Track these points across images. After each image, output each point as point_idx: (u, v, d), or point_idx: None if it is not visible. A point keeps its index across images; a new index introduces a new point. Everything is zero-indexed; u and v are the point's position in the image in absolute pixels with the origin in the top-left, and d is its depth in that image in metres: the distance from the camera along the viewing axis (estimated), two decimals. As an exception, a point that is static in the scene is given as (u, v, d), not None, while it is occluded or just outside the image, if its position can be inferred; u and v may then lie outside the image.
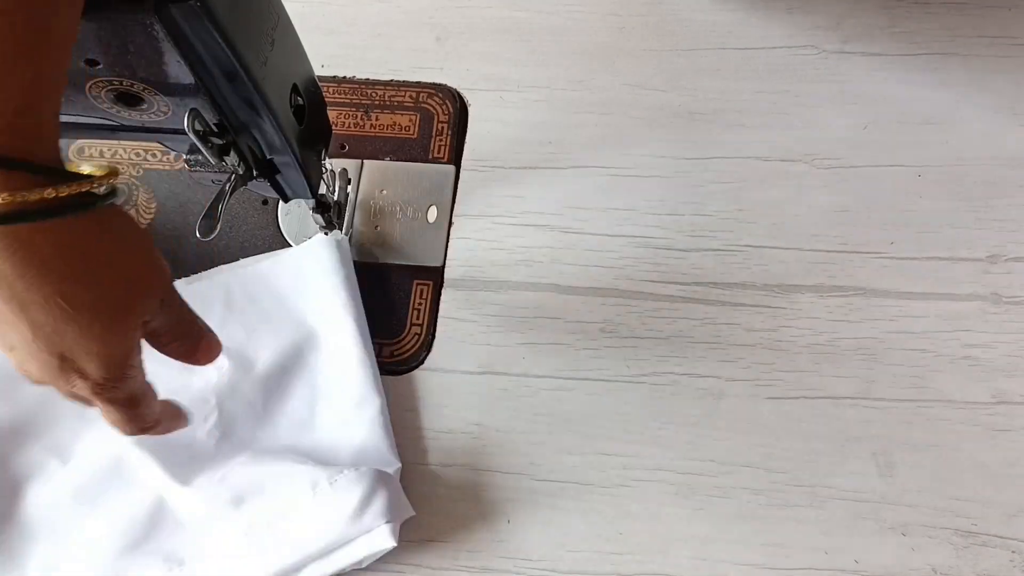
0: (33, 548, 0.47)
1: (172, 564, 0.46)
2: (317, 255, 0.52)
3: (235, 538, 0.46)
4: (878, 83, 0.58)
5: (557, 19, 0.62)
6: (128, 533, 0.47)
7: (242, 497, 0.46)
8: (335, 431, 0.50)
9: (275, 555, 0.45)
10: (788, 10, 0.60)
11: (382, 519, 0.45)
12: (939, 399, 0.51)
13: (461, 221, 0.56)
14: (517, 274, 0.54)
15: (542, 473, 0.50)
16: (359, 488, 0.45)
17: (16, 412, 0.49)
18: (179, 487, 0.47)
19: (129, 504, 0.48)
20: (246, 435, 0.50)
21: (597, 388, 0.51)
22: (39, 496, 0.48)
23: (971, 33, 0.59)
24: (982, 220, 0.55)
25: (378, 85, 0.59)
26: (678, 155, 0.57)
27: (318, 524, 0.45)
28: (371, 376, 0.50)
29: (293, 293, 0.52)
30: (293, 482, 0.46)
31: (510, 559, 0.48)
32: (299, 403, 0.51)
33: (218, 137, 0.42)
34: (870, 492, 0.49)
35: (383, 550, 0.45)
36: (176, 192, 0.57)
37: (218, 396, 0.50)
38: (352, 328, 0.50)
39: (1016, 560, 0.47)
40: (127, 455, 0.48)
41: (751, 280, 0.54)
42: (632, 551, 0.48)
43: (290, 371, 0.51)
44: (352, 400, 0.50)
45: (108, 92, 0.39)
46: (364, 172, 0.57)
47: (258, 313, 0.52)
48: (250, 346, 0.51)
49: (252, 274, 0.53)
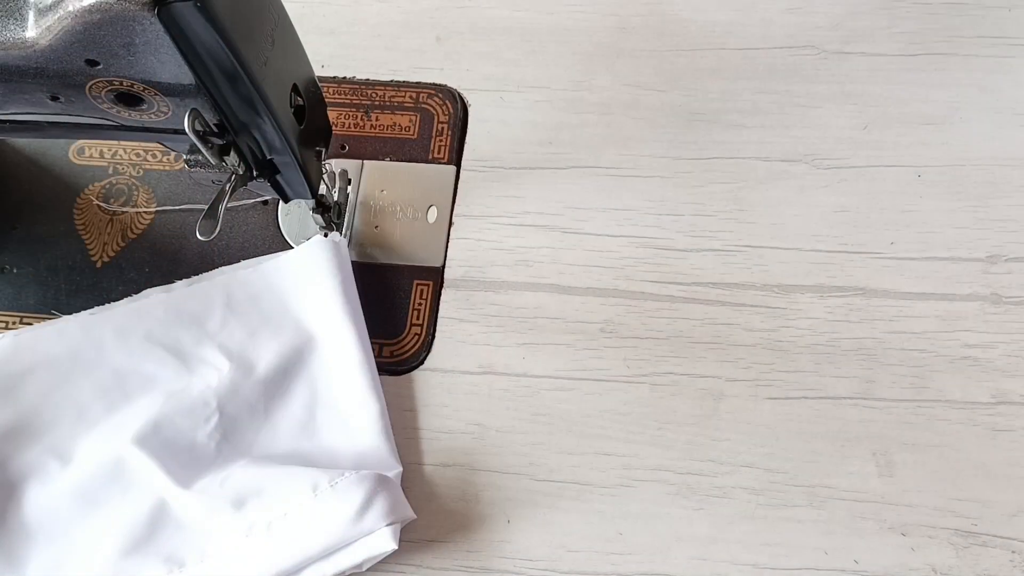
0: (33, 550, 0.47)
1: (173, 566, 0.46)
2: (316, 257, 0.52)
3: (235, 540, 0.46)
4: (878, 83, 0.58)
5: (557, 19, 0.61)
6: (129, 535, 0.47)
7: (243, 499, 0.46)
8: (336, 434, 0.50)
9: (276, 557, 0.45)
10: (788, 10, 0.60)
11: (383, 522, 0.45)
12: (939, 399, 0.51)
13: (461, 221, 0.56)
14: (517, 274, 0.54)
15: (542, 473, 0.50)
16: (360, 490, 0.45)
17: (16, 413, 0.49)
18: (180, 489, 0.47)
19: (130, 506, 0.47)
20: (247, 437, 0.50)
21: (597, 388, 0.51)
22: (39, 498, 0.48)
23: (971, 33, 0.59)
24: (982, 220, 0.55)
25: (378, 85, 0.59)
26: (678, 155, 0.57)
27: (319, 526, 0.45)
28: (370, 380, 0.50)
29: (293, 295, 0.52)
30: (294, 484, 0.46)
31: (510, 559, 0.48)
32: (299, 406, 0.51)
33: (218, 137, 0.42)
34: (870, 492, 0.49)
35: (384, 553, 0.45)
36: (176, 192, 0.57)
37: (219, 399, 0.50)
38: (351, 331, 0.50)
39: (1016, 560, 0.47)
40: (128, 457, 0.48)
41: (751, 280, 0.54)
42: (632, 551, 0.48)
43: (290, 374, 0.51)
44: (352, 403, 0.50)
45: (108, 92, 0.39)
46: (364, 172, 0.57)
47: (259, 315, 0.52)
48: (251, 348, 0.51)
49: (253, 276, 0.53)
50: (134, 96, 0.40)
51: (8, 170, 0.58)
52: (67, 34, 0.35)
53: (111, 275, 0.55)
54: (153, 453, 0.47)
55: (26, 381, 0.49)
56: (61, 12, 0.35)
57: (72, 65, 0.37)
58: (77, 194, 0.57)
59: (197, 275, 0.53)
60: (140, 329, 0.51)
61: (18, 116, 0.43)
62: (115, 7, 0.34)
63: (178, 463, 0.48)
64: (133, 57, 0.37)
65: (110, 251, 0.56)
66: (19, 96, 0.40)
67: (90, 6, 0.34)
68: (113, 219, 0.57)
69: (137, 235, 0.56)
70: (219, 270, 0.53)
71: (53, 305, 0.53)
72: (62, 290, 0.55)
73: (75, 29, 0.35)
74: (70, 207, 0.57)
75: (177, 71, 0.38)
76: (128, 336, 0.51)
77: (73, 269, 0.55)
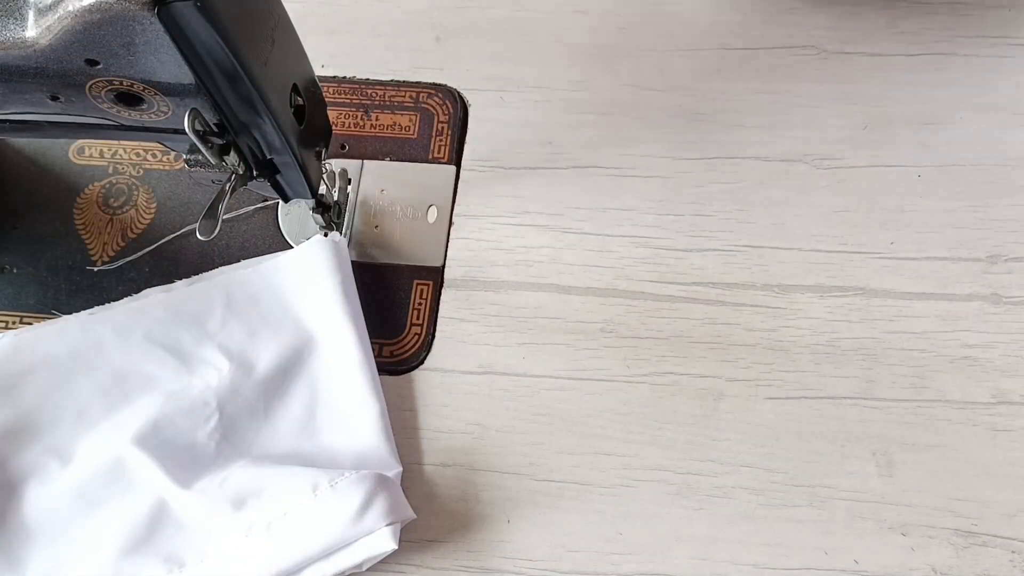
0: (33, 550, 0.47)
1: (172, 566, 0.46)
2: (316, 257, 0.52)
3: (235, 540, 0.46)
4: (878, 83, 0.58)
5: (557, 19, 0.61)
6: (129, 535, 0.47)
7: (242, 499, 0.46)
8: (335, 434, 0.50)
9: (275, 557, 0.45)
10: (788, 10, 0.60)
11: (383, 521, 0.45)
12: (939, 399, 0.51)
13: (461, 221, 0.56)
14: (517, 274, 0.54)
15: (542, 473, 0.50)
16: (360, 490, 0.45)
17: (16, 413, 0.49)
18: (180, 489, 0.47)
19: (129, 506, 0.47)
20: (247, 437, 0.50)
21: (597, 388, 0.51)
22: (39, 498, 0.48)
23: (971, 33, 0.59)
24: (982, 220, 0.55)
25: (378, 85, 0.59)
26: (678, 155, 0.57)
27: (319, 526, 0.45)
28: (370, 379, 0.50)
29: (293, 295, 0.52)
30: (294, 484, 0.46)
31: (510, 559, 0.48)
32: (299, 406, 0.51)
33: (218, 137, 0.42)
34: (870, 492, 0.49)
35: (384, 553, 0.45)
36: (176, 192, 0.57)
37: (219, 399, 0.50)
38: (351, 331, 0.50)
39: (1016, 560, 0.47)
40: (128, 457, 0.48)
41: (751, 280, 0.54)
42: (632, 551, 0.48)
43: (290, 374, 0.51)
44: (352, 403, 0.50)
45: (108, 92, 0.39)
46: (364, 172, 0.57)
47: (259, 314, 0.52)
48: (251, 348, 0.51)
49: (253, 275, 0.53)
50: (134, 96, 0.40)
51: (8, 170, 0.58)
52: (67, 34, 0.35)
53: (111, 275, 0.55)
54: (153, 453, 0.47)
55: (26, 381, 0.49)
56: (61, 12, 0.35)
57: (72, 65, 0.37)
58: (77, 194, 0.57)
59: (197, 275, 0.53)
60: (140, 329, 0.51)
61: (18, 116, 0.43)
62: (115, 7, 0.34)
63: (178, 463, 0.48)
64: (133, 57, 0.37)
65: (110, 251, 0.56)
66: (19, 96, 0.40)
67: (90, 6, 0.34)
68: (113, 219, 0.57)
69: (137, 235, 0.56)
70: (219, 270, 0.53)
71: (53, 305, 0.53)
72: (62, 290, 0.55)
73: (75, 29, 0.35)
74: (70, 207, 0.57)
75: (177, 71, 0.38)
76: (128, 336, 0.51)
77: (73, 269, 0.55)
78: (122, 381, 0.50)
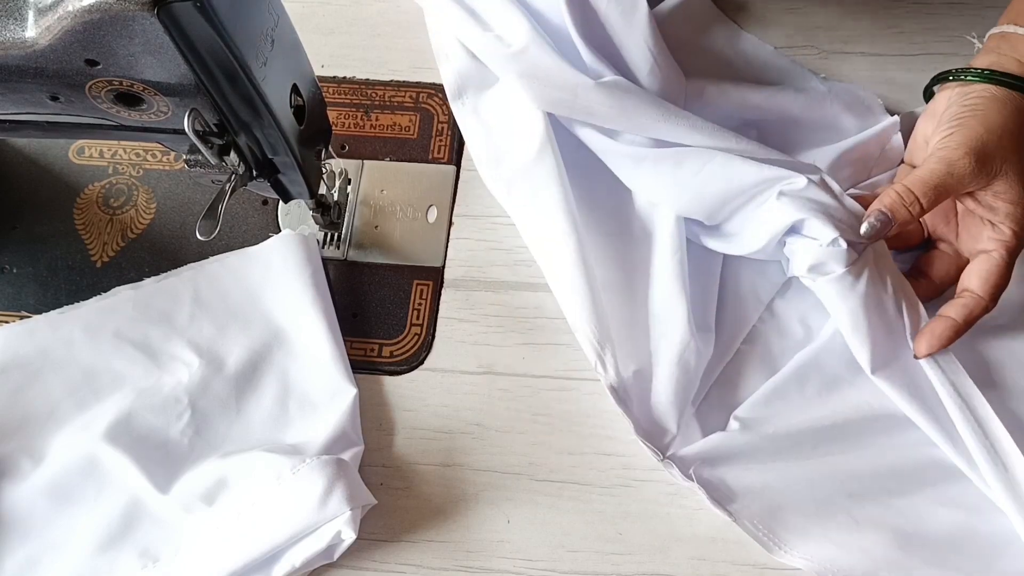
0: (9, 547, 0.47)
1: (147, 561, 0.47)
2: (284, 251, 0.52)
3: (208, 532, 0.46)
4: (878, 83, 0.58)
5: (557, 19, 0.61)
6: (103, 531, 0.47)
7: (213, 492, 0.47)
8: (308, 426, 0.50)
9: (247, 546, 0.45)
10: (788, 10, 0.60)
11: (347, 506, 0.45)
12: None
13: (461, 221, 0.56)
14: (517, 274, 0.54)
15: (542, 473, 0.50)
16: (322, 476, 0.45)
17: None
18: (153, 486, 0.47)
19: (104, 502, 0.48)
20: (220, 432, 0.50)
21: (597, 388, 0.51)
22: (12, 496, 0.48)
23: (971, 33, 0.59)
24: (982, 220, 0.54)
25: (378, 85, 0.59)
26: (678, 155, 0.57)
27: (284, 513, 0.45)
28: (343, 370, 0.50)
29: (262, 289, 0.52)
30: (259, 474, 0.46)
31: (510, 559, 0.48)
32: (271, 399, 0.51)
33: (218, 137, 0.42)
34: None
35: (350, 540, 0.45)
36: (176, 192, 0.57)
37: (190, 395, 0.50)
38: (322, 324, 0.51)
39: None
40: (101, 454, 0.48)
41: (751, 280, 0.54)
42: (632, 551, 0.48)
43: (261, 368, 0.51)
44: (324, 394, 0.50)
45: (108, 92, 0.39)
46: (364, 172, 0.57)
47: (227, 309, 0.52)
48: (220, 343, 0.51)
49: (220, 270, 0.53)
50: (134, 96, 0.40)
51: (8, 170, 0.58)
52: (67, 34, 0.35)
53: (111, 275, 0.55)
54: (126, 450, 0.48)
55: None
56: (61, 12, 0.35)
57: (72, 65, 0.37)
58: (77, 194, 0.57)
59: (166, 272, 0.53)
60: (109, 326, 0.51)
61: (18, 116, 0.43)
62: (115, 7, 0.34)
63: (152, 460, 0.48)
64: (133, 57, 0.37)
65: (110, 251, 0.56)
66: (19, 96, 0.40)
67: (90, 6, 0.34)
68: (113, 219, 0.57)
69: (137, 235, 0.56)
70: (188, 266, 0.53)
71: (53, 305, 0.53)
72: (62, 290, 0.55)
73: (75, 29, 0.35)
74: (70, 207, 0.57)
75: (177, 71, 0.38)
76: (97, 334, 0.51)
77: (73, 269, 0.55)
78: (92, 379, 0.50)
